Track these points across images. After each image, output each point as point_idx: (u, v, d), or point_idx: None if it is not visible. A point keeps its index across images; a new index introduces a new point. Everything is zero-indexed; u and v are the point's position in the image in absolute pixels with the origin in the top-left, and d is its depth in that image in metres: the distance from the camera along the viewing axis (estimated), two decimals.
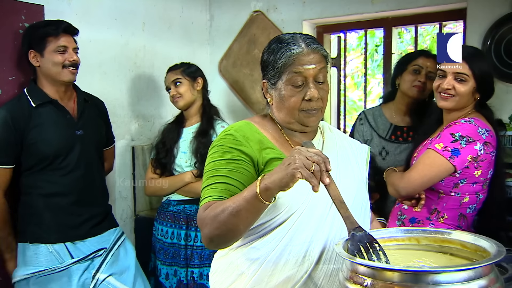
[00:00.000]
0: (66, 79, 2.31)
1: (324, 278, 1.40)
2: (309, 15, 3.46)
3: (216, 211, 1.29)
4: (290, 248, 1.39)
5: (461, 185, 2.00)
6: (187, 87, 2.79)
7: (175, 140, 2.80)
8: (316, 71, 1.42)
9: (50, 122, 2.27)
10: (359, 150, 1.62)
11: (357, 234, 1.17)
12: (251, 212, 1.26)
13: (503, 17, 2.81)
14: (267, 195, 1.21)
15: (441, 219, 2.05)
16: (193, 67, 2.88)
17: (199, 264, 2.71)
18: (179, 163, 2.77)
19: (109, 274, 2.38)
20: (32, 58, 2.28)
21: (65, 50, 2.29)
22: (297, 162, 1.16)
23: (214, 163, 1.42)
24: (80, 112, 2.40)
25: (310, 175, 1.15)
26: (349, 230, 1.18)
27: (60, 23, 2.31)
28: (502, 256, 1.05)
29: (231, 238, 1.35)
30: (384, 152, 2.64)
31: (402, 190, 2.02)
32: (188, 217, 2.74)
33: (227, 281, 1.47)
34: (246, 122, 1.51)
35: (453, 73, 2.02)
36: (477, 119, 2.01)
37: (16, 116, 2.21)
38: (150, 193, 2.95)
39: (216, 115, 2.86)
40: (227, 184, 1.37)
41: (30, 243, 2.28)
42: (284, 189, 1.20)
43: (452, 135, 1.97)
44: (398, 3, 3.14)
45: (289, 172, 1.16)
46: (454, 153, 1.94)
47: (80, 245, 2.34)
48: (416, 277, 1.01)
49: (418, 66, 2.53)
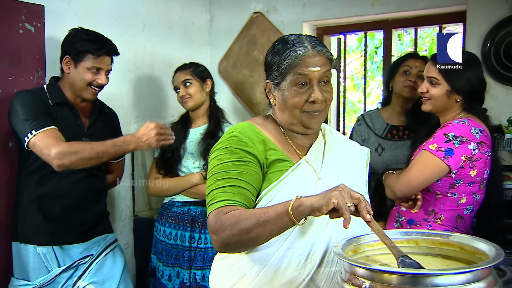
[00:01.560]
0: (87, 97, 2.34)
1: (326, 281, 1.40)
2: (309, 17, 3.46)
3: (239, 218, 1.27)
4: (292, 250, 1.39)
5: (457, 185, 2.01)
6: (197, 88, 2.78)
7: (182, 140, 2.78)
8: (321, 73, 1.42)
9: (62, 122, 2.27)
10: (359, 153, 1.63)
11: (407, 260, 1.14)
12: (277, 225, 1.24)
13: (503, 20, 2.81)
14: (298, 213, 1.20)
15: (438, 221, 2.05)
16: (202, 67, 2.86)
17: (202, 266, 2.70)
18: (186, 164, 2.75)
19: (90, 282, 2.36)
20: (65, 63, 2.30)
21: (99, 71, 2.32)
22: (337, 192, 1.17)
23: (222, 165, 1.40)
24: (92, 121, 2.42)
25: (345, 207, 1.14)
26: (398, 257, 1.15)
27: (105, 43, 2.33)
28: (500, 259, 1.06)
29: (248, 246, 1.35)
30: (380, 148, 2.69)
31: (398, 192, 2.03)
32: (193, 218, 2.73)
33: (229, 283, 1.46)
34: (248, 124, 1.50)
35: (426, 77, 2.10)
36: (470, 119, 2.02)
37: (42, 99, 2.25)
38: (153, 193, 2.92)
39: (222, 117, 2.86)
40: (239, 187, 1.36)
41: (21, 242, 2.29)
42: (316, 213, 1.18)
43: (446, 135, 1.98)
44: (398, 5, 3.14)
45: (327, 197, 1.16)
46: (447, 153, 1.95)
47: (68, 250, 2.33)
48: (414, 280, 1.01)
49: (408, 67, 2.63)
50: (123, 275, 2.51)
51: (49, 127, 2.15)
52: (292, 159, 1.47)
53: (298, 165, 1.46)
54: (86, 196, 2.38)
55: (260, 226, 1.24)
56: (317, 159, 1.51)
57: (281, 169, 1.43)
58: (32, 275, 2.27)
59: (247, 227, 1.25)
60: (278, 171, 1.43)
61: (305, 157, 1.50)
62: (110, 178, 2.65)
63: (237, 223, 1.27)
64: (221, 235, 1.29)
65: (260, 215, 1.25)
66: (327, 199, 1.15)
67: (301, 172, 1.45)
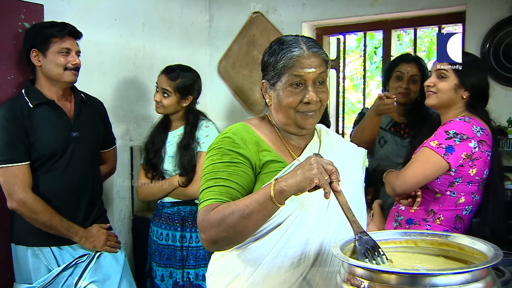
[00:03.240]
0: (68, 80, 2.31)
1: (319, 280, 1.40)
2: (308, 17, 3.46)
3: (223, 214, 1.29)
4: (285, 250, 1.39)
5: (456, 184, 2.01)
6: (172, 102, 2.68)
7: (163, 142, 2.77)
8: (316, 75, 1.43)
9: (47, 123, 2.26)
10: (356, 154, 1.63)
11: (364, 237, 1.21)
12: (263, 214, 1.27)
13: (502, 20, 2.82)
14: (281, 198, 1.24)
15: (437, 221, 2.05)
16: (189, 80, 2.71)
17: (195, 265, 2.71)
18: (167, 167, 2.75)
19: (91, 281, 2.35)
20: (33, 57, 2.28)
21: (68, 52, 2.30)
22: (315, 169, 1.21)
23: (213, 166, 1.42)
24: (77, 113, 2.38)
25: (326, 183, 1.21)
26: (356, 232, 1.23)
27: (65, 26, 2.31)
28: (499, 260, 1.06)
29: (237, 241, 1.36)
30: (382, 140, 2.72)
31: (398, 188, 2.04)
32: (182, 218, 2.73)
33: (223, 283, 1.47)
34: (243, 125, 1.51)
35: (435, 71, 2.08)
36: (472, 118, 2.03)
37: (17, 114, 2.21)
38: (143, 198, 2.91)
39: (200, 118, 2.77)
40: (227, 187, 1.38)
41: (17, 244, 2.29)
42: (298, 193, 1.23)
43: (447, 133, 1.98)
44: (397, 6, 3.15)
45: (308, 177, 1.21)
46: (448, 150, 1.96)
47: (66, 250, 2.32)
48: (413, 280, 1.01)
49: (400, 73, 2.66)
50: (124, 272, 2.51)
51: (15, 164, 2.17)
52: (285, 160, 1.48)
53: (291, 166, 1.46)
54: (81, 195, 2.37)
55: (245, 219, 1.27)
56: None
57: (274, 170, 1.44)
58: (32, 277, 2.27)
59: (233, 222, 1.27)
60: (271, 172, 1.43)
61: (299, 158, 1.50)
62: (104, 169, 2.63)
63: (222, 219, 1.29)
64: (208, 233, 1.32)
65: (244, 208, 1.27)
66: (308, 180, 1.21)
67: None
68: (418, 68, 2.64)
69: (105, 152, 2.62)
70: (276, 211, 1.29)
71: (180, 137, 2.73)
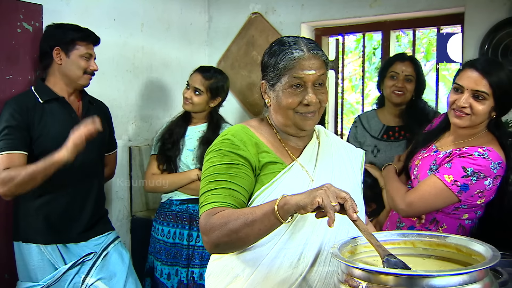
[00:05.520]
0: (83, 83, 2.41)
1: (319, 281, 1.40)
2: (307, 18, 3.47)
3: (227, 218, 1.29)
4: (285, 251, 1.39)
5: (461, 208, 1.96)
6: (203, 101, 2.76)
7: (181, 135, 2.78)
8: (316, 77, 1.43)
9: (55, 118, 2.30)
10: (354, 155, 1.64)
11: (392, 260, 1.15)
12: (265, 225, 1.25)
13: (501, 22, 2.81)
14: (284, 211, 1.22)
15: (440, 229, 2.00)
16: (220, 82, 2.81)
17: (200, 264, 2.71)
18: (185, 160, 2.75)
19: (98, 278, 2.38)
20: (56, 55, 2.34)
21: (89, 58, 2.40)
22: (322, 191, 1.18)
23: (214, 168, 1.42)
24: (85, 112, 2.44)
25: (330, 206, 1.16)
26: (383, 256, 1.17)
27: (90, 32, 2.42)
28: (497, 261, 1.06)
29: (238, 247, 1.36)
30: (375, 150, 2.71)
31: (402, 212, 2.00)
32: (191, 216, 2.73)
33: (222, 284, 1.47)
34: (242, 126, 1.52)
35: (471, 90, 1.88)
36: (492, 150, 1.88)
37: (24, 108, 2.25)
38: (150, 189, 2.88)
39: (222, 120, 2.86)
40: (230, 190, 1.38)
41: (23, 242, 2.29)
42: (301, 211, 1.20)
43: (464, 170, 1.87)
44: (396, 7, 3.15)
45: (312, 195, 1.18)
46: (463, 189, 1.87)
47: (72, 248, 2.34)
48: (411, 281, 1.01)
49: (394, 72, 2.64)
50: (129, 270, 2.53)
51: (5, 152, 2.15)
52: (284, 161, 1.48)
53: (290, 167, 1.47)
54: (86, 194, 2.39)
55: (248, 226, 1.26)
56: (310, 161, 1.52)
57: (274, 171, 1.44)
58: (37, 275, 2.28)
59: (236, 227, 1.27)
60: (270, 173, 1.44)
61: (298, 159, 1.50)
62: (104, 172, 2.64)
63: (226, 223, 1.28)
64: (211, 236, 1.31)
65: (248, 215, 1.26)
66: (312, 198, 1.17)
67: (293, 174, 1.46)
68: (413, 67, 2.64)
69: (106, 155, 2.64)
70: (278, 226, 1.27)
71: (202, 132, 2.76)
